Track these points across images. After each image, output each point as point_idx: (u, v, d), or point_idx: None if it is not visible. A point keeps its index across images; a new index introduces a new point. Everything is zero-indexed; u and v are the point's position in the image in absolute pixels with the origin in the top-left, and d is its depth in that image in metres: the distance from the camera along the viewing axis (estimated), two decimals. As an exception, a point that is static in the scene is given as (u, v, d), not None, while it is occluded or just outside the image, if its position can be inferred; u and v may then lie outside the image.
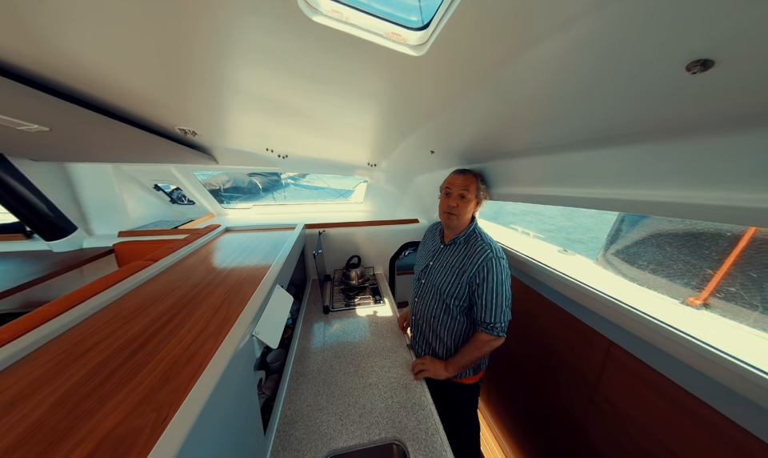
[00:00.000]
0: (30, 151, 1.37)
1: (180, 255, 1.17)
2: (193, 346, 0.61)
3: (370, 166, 1.85)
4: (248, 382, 0.67)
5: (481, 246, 0.99)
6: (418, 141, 1.17)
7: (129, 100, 1.01)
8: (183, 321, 0.71)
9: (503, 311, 0.97)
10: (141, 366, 0.55)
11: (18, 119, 0.90)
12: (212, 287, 0.91)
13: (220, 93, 0.94)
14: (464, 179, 1.03)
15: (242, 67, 0.74)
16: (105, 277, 0.87)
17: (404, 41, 0.52)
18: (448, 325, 1.08)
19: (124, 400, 0.47)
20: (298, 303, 1.65)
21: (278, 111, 1.07)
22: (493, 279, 0.95)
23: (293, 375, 1.10)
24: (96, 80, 0.84)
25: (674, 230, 1.14)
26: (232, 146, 1.62)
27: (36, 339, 0.58)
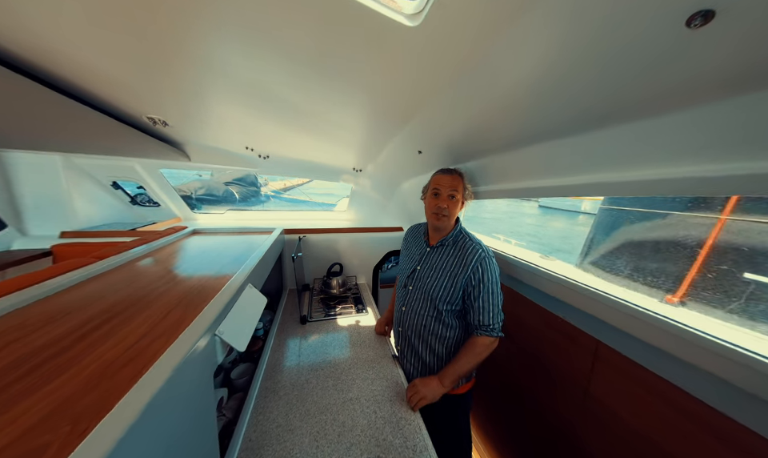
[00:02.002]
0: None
1: (132, 255, 1.03)
2: (134, 348, 0.50)
3: (356, 171, 1.83)
4: (205, 392, 0.55)
5: (472, 246, 0.97)
6: (406, 139, 1.17)
7: (89, 79, 0.90)
8: (126, 322, 0.59)
9: (499, 310, 0.94)
10: (60, 370, 0.43)
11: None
12: (169, 287, 0.79)
13: (195, 74, 0.87)
14: (452, 179, 1.01)
15: (219, 43, 0.69)
16: (28, 274, 0.72)
17: (399, 8, 0.51)
18: (440, 333, 1.01)
19: (27, 412, 0.35)
20: (272, 313, 1.51)
21: (259, 100, 1.02)
22: (488, 279, 0.93)
23: (261, 392, 0.96)
24: (51, 52, 0.74)
25: (645, 237, 1.22)
26: (208, 141, 1.52)
27: None
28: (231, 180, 6.10)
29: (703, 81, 0.46)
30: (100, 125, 1.15)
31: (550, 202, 17.73)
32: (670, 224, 1.33)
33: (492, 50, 0.55)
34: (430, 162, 1.31)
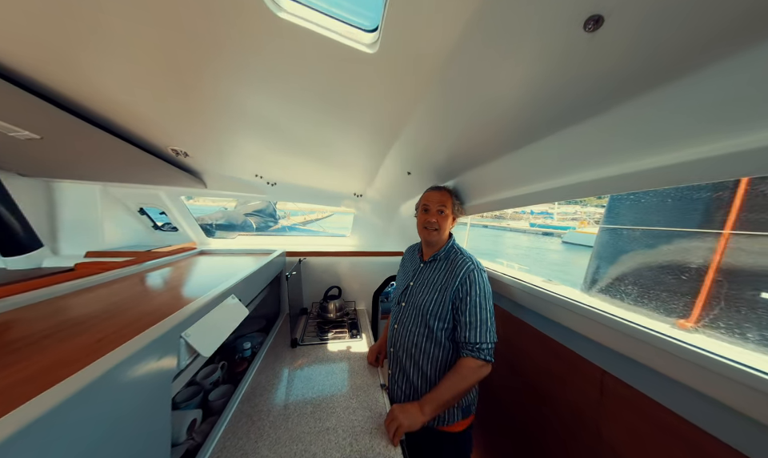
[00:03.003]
0: (18, 164, 1.40)
1: (134, 270, 1.10)
2: (95, 346, 0.52)
3: (356, 196, 1.90)
4: (161, 397, 0.54)
5: (461, 259, 0.96)
6: (394, 161, 1.23)
7: (123, 116, 1.08)
8: (100, 324, 0.61)
9: (488, 329, 0.86)
10: (24, 357, 0.45)
11: (11, 124, 0.94)
12: (155, 297, 0.82)
13: (214, 113, 1.01)
14: (440, 195, 1.03)
15: (237, 88, 0.82)
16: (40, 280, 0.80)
17: (359, 40, 0.58)
18: (432, 354, 0.94)
19: None
20: (264, 335, 1.48)
21: (267, 132, 1.14)
22: (476, 293, 0.88)
23: (236, 415, 0.90)
24: (92, 92, 0.91)
25: (650, 262, 1.11)
26: (222, 170, 1.68)
27: None
28: (251, 211, 6.47)
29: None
30: (133, 157, 1.32)
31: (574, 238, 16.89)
32: (676, 243, 1.19)
33: (447, 71, 0.61)
34: (420, 183, 1.34)
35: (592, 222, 25.01)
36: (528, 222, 28.67)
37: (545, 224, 26.78)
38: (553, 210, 30.55)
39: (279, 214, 7.37)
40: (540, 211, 31.55)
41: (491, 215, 26.94)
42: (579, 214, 33.11)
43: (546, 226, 25.96)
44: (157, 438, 0.53)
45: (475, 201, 1.20)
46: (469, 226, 2.41)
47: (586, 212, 32.08)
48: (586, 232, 17.41)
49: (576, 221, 30.01)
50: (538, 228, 25.41)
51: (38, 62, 0.75)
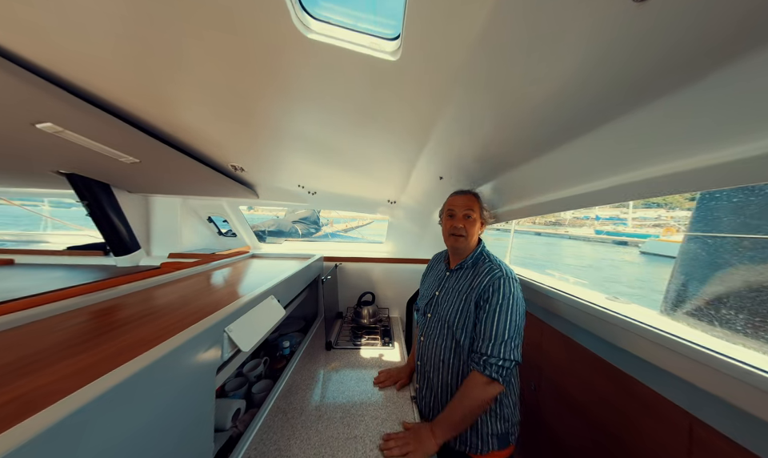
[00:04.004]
0: (126, 183, 1.79)
1: (200, 269, 1.29)
2: (163, 330, 0.61)
3: (390, 203, 1.91)
4: (205, 383, 0.60)
5: (489, 266, 0.88)
6: (425, 166, 1.20)
7: (197, 140, 1.30)
8: (170, 313, 0.72)
9: (504, 343, 0.75)
10: (102, 341, 0.56)
11: (119, 151, 1.22)
12: (212, 292, 0.94)
13: (267, 133, 1.16)
14: (466, 199, 0.97)
15: (287, 109, 0.92)
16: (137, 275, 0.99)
17: (383, 49, 0.59)
18: (460, 370, 0.87)
19: (74, 361, 0.46)
20: (303, 336, 1.56)
21: (309, 145, 1.24)
22: (497, 301, 0.80)
23: (273, 410, 0.96)
24: (176, 123, 1.12)
25: (763, 281, 0.82)
26: (271, 182, 1.88)
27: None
28: (298, 219, 7.05)
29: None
30: (203, 173, 1.57)
31: (656, 248, 13.88)
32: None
33: (473, 66, 0.57)
34: (453, 188, 1.28)
35: (683, 228, 20.14)
36: (593, 229, 24.53)
37: (615, 231, 22.68)
38: (626, 215, 25.64)
39: (323, 221, 7.93)
40: (609, 216, 26.79)
41: (544, 221, 23.98)
42: (664, 219, 27.06)
43: (616, 233, 21.95)
44: (201, 420, 0.60)
45: (513, 205, 1.09)
46: (513, 233, 2.19)
47: (674, 217, 26.04)
48: (673, 241, 14.18)
49: (659, 227, 24.71)
50: (606, 236, 21.58)
51: (139, 102, 0.96)
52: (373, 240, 3.57)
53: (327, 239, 7.17)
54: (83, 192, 1.57)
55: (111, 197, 1.74)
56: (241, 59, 0.66)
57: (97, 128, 1.01)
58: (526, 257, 12.13)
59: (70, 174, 1.49)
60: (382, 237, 2.52)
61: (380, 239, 2.62)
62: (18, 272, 1.56)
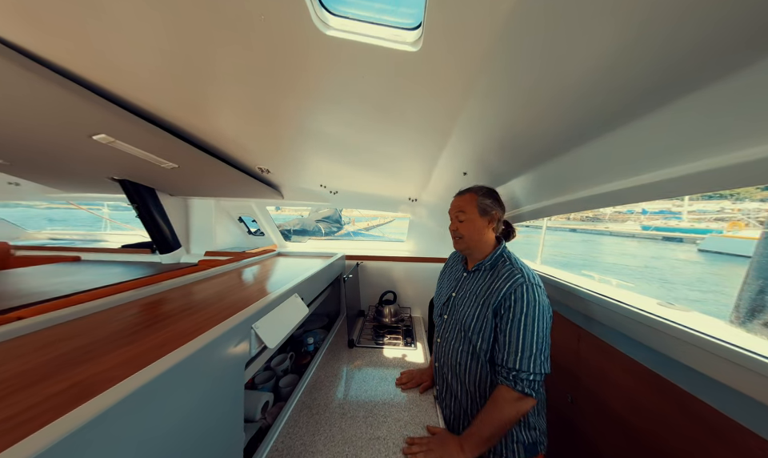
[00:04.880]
0: (168, 187, 1.96)
1: (233, 267, 1.37)
2: (201, 324, 0.65)
3: (411, 201, 1.88)
4: (235, 375, 0.63)
5: (509, 270, 0.82)
6: (448, 162, 1.15)
7: (228, 145, 1.38)
8: (206, 308, 0.77)
9: (533, 356, 0.71)
10: (148, 332, 0.60)
11: (160, 158, 1.33)
12: (244, 289, 0.99)
13: (290, 135, 1.19)
14: (459, 200, 0.93)
15: (309, 111, 0.93)
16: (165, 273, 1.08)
17: (403, 40, 0.57)
18: (478, 373, 0.84)
19: (125, 351, 0.51)
20: (326, 333, 1.60)
21: (330, 145, 1.26)
22: (520, 310, 0.74)
23: (298, 405, 0.99)
24: (210, 130, 1.20)
25: None
26: (294, 183, 1.94)
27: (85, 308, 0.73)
28: (321, 218, 7.26)
29: None
30: (234, 176, 1.67)
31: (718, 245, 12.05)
32: None
33: (499, 53, 0.52)
34: (478, 184, 1.23)
35: (754, 222, 16.85)
36: (639, 225, 21.71)
37: (666, 226, 19.98)
38: (681, 208, 22.39)
39: (344, 220, 8.11)
40: (658, 210, 23.51)
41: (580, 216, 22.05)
42: (729, 212, 23.21)
43: (669, 229, 19.28)
44: (232, 411, 0.63)
45: (546, 201, 1.00)
46: (544, 230, 2.04)
47: (742, 209, 22.27)
48: (741, 237, 12.16)
49: (722, 222, 21.39)
50: (655, 232, 18.97)
51: (178, 113, 1.04)
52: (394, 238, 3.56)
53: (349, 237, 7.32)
54: (133, 196, 1.74)
55: (156, 200, 1.91)
56: (264, 65, 0.68)
57: (142, 137, 1.11)
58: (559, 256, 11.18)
59: (121, 180, 1.66)
60: (404, 235, 2.49)
61: (401, 237, 2.60)
62: (84, 267, 1.78)
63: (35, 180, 1.86)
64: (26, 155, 1.35)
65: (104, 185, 1.85)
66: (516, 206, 1.39)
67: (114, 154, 1.24)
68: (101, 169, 1.53)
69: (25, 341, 0.54)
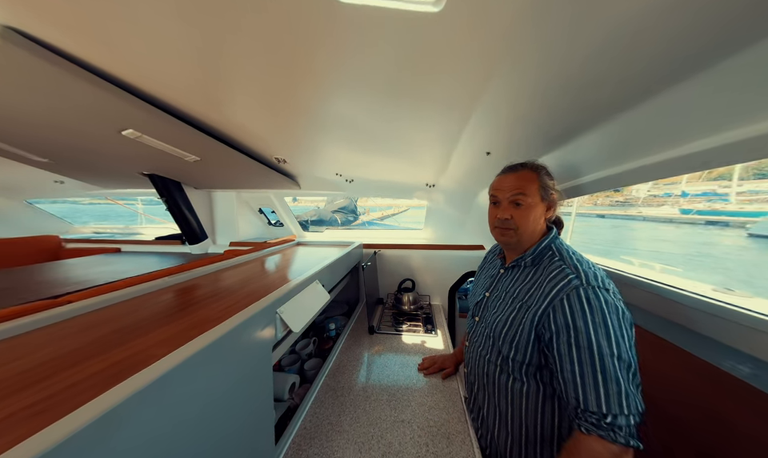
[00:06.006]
0: (193, 181, 2.04)
1: (255, 256, 1.41)
2: (225, 311, 0.67)
3: (428, 186, 1.82)
4: (262, 355, 0.65)
5: (559, 268, 0.64)
6: (469, 141, 1.07)
7: (246, 137, 1.39)
8: (229, 296, 0.79)
9: (622, 391, 0.52)
10: (179, 316, 0.63)
11: (183, 151, 1.37)
12: (266, 276, 1.01)
13: (305, 123, 1.17)
14: (516, 179, 0.73)
15: (323, 96, 0.90)
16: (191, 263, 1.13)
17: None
18: (511, 389, 0.69)
19: (160, 332, 0.53)
20: (346, 319, 1.62)
21: (345, 132, 1.23)
22: (584, 328, 0.55)
23: (323, 387, 1.01)
24: (228, 123, 1.21)
25: None
26: (310, 172, 1.94)
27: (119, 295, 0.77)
28: (337, 209, 7.35)
29: None
30: (253, 167, 1.70)
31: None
32: None
33: (535, 6, 0.45)
34: (501, 165, 1.14)
35: None
36: (677, 209, 19.43)
37: (709, 210, 17.83)
38: (728, 188, 19.92)
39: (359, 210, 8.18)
40: (700, 192, 21.01)
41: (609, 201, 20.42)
42: None
43: (711, 212, 17.14)
44: (263, 390, 0.65)
45: (586, 178, 0.90)
46: (574, 217, 1.90)
47: None
48: (803, 219, 10.61)
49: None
50: (696, 216, 16.74)
51: (198, 107, 1.05)
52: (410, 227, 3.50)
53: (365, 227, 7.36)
54: (161, 189, 1.83)
55: (182, 193, 2.00)
56: (280, 46, 0.65)
57: (166, 131, 1.14)
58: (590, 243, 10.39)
59: (150, 175, 1.74)
60: (418, 224, 2.44)
61: (416, 226, 2.56)
62: (123, 258, 1.92)
63: (76, 177, 2.01)
64: (66, 154, 1.45)
65: (135, 180, 1.96)
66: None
67: (141, 150, 1.29)
68: (131, 165, 1.61)
69: (73, 323, 0.59)
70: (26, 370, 0.42)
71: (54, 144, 1.30)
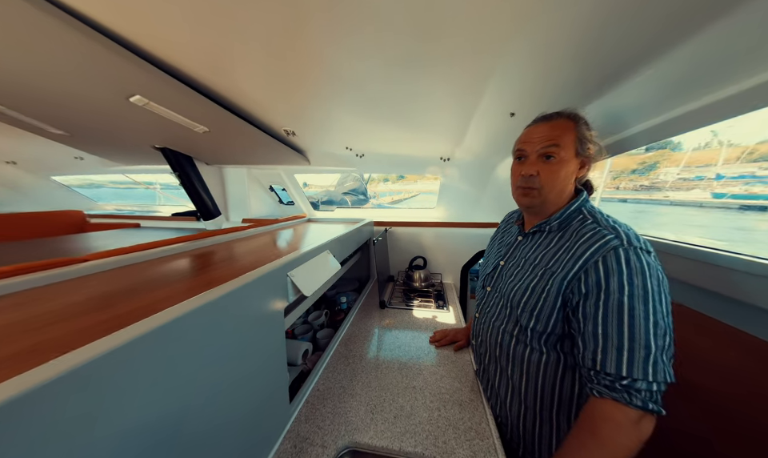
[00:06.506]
0: (203, 155, 2.04)
1: (265, 229, 1.42)
2: (238, 271, 0.66)
3: (443, 160, 1.73)
4: (274, 316, 0.64)
5: (593, 230, 0.58)
6: (491, 103, 0.98)
7: (253, 107, 1.34)
8: (242, 259, 0.79)
9: (651, 355, 0.47)
10: (194, 275, 0.62)
11: (192, 120, 1.34)
12: (278, 246, 1.01)
13: (314, 87, 1.10)
14: (549, 128, 0.63)
15: (334, 56, 0.83)
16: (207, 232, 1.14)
17: None
18: (526, 360, 0.65)
19: (180, 287, 0.53)
20: (357, 295, 1.63)
21: (356, 100, 1.15)
22: (619, 287, 0.50)
23: (335, 354, 1.03)
24: (235, 90, 1.16)
25: None
26: (320, 146, 1.89)
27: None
28: (347, 191, 7.35)
29: None
30: (262, 139, 1.66)
31: None
32: None
33: None
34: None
35: None
36: (709, 192, 17.33)
37: (747, 194, 15.88)
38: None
39: (369, 195, 8.17)
40: (738, 175, 18.85)
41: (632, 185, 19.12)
42: None
43: (749, 196, 15.13)
44: (276, 349, 0.66)
45: (634, 128, 0.77)
46: (598, 204, 1.77)
47: None
48: None
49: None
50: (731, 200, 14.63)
51: (205, 72, 1.00)
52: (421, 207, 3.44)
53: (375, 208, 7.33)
54: (174, 164, 1.84)
55: (194, 168, 2.00)
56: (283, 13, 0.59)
57: (173, 98, 1.11)
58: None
59: (162, 149, 1.75)
60: (429, 210, 2.38)
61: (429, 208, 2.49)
62: (143, 232, 1.99)
63: (92, 152, 2.05)
64: (80, 126, 1.46)
65: (149, 155, 1.98)
66: None
67: (151, 119, 1.28)
68: (143, 137, 1.62)
69: (90, 279, 0.60)
70: (50, 311, 0.42)
71: (67, 113, 1.31)
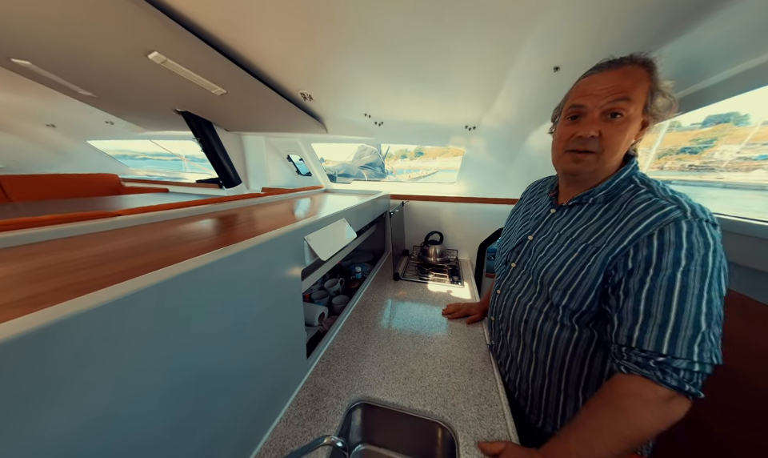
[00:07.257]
0: (222, 120, 2.04)
1: (285, 197, 1.43)
2: (258, 231, 0.67)
3: (468, 129, 1.61)
4: (292, 276, 0.66)
5: (649, 200, 0.50)
6: (529, 57, 0.86)
7: (271, 67, 1.28)
8: (263, 221, 0.80)
9: (699, 334, 0.42)
10: (220, 233, 0.64)
11: (210, 81, 1.31)
12: (295, 212, 1.02)
13: (333, 44, 1.02)
14: (618, 77, 0.51)
15: (354, 7, 0.75)
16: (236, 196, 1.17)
17: None
18: (554, 336, 0.60)
19: (205, 243, 0.54)
20: (371, 267, 1.65)
21: (377, 59, 1.06)
22: (674, 261, 0.44)
23: (350, 319, 1.07)
24: (252, 46, 1.10)
25: None
26: (337, 113, 1.82)
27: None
28: (364, 164, 7.26)
29: None
30: (279, 103, 1.62)
31: None
32: None
33: None
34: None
35: None
36: None
37: None
38: None
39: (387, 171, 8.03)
40: None
41: (679, 165, 17.13)
42: None
43: None
44: (295, 308, 0.68)
45: (719, 75, 0.63)
46: None
47: None
48: None
49: None
50: None
51: (223, 27, 0.95)
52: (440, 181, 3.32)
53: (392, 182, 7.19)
54: (195, 129, 1.86)
55: (214, 133, 2.02)
56: None
57: (191, 56, 1.08)
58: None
59: (183, 112, 1.76)
60: (449, 183, 2.27)
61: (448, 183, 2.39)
62: (170, 196, 2.10)
63: (119, 115, 2.11)
64: (105, 84, 1.49)
65: (172, 120, 2.01)
66: None
67: (170, 80, 1.27)
68: (164, 100, 1.63)
69: (121, 232, 0.63)
70: (92, 255, 0.45)
71: (90, 72, 1.32)
